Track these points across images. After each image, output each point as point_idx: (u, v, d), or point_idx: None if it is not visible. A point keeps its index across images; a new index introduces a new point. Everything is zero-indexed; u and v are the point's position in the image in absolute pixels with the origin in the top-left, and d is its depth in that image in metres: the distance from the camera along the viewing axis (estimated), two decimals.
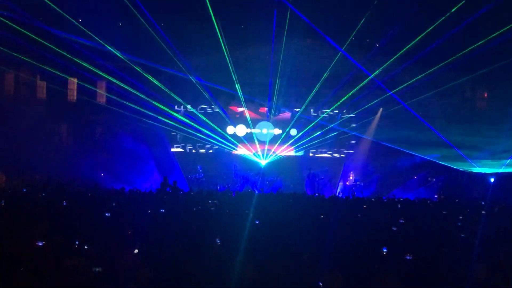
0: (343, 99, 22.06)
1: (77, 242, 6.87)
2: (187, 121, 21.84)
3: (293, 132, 22.77)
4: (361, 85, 20.57)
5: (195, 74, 19.82)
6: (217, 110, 22.36)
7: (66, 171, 17.58)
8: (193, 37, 18.19)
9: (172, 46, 17.71)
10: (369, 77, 19.77)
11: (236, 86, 20.57)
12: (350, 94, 21.34)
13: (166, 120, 20.93)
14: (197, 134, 22.07)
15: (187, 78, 19.83)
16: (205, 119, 22.12)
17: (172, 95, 20.60)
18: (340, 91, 22.04)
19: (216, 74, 20.08)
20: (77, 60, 17.09)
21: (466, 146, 19.42)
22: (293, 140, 22.74)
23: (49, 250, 6.49)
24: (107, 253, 6.45)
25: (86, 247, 6.75)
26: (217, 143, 22.39)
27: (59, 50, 16.42)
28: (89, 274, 5.68)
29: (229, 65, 18.89)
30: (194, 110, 22.23)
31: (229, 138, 22.50)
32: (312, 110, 22.95)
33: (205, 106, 22.38)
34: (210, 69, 19.96)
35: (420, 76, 18.68)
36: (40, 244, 6.69)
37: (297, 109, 22.72)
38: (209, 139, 22.29)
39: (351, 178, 22.64)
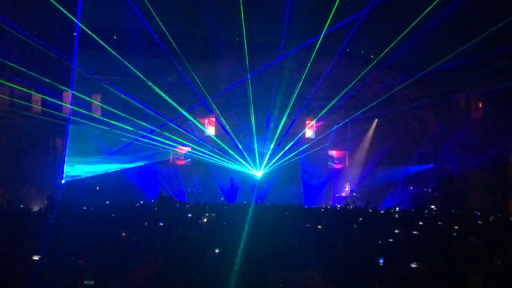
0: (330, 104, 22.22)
1: (73, 257, 6.90)
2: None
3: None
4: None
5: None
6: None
7: (62, 185, 17.64)
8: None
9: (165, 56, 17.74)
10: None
11: None
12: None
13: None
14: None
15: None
16: None
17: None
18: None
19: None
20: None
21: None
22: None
23: (46, 265, 6.51)
24: (103, 266, 6.49)
25: (80, 261, 6.78)
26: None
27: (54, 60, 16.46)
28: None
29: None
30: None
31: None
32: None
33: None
34: None
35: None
36: (36, 258, 6.71)
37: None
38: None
39: (346, 189, 22.72)
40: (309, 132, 24.42)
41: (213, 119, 23.48)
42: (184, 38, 17.70)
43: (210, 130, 23.82)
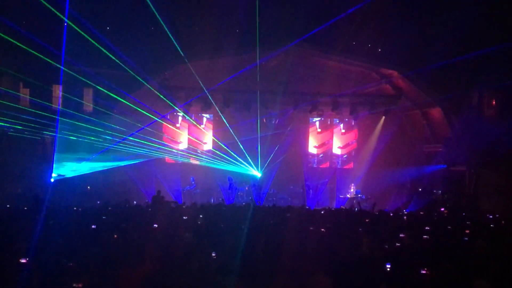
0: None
1: (65, 260, 6.90)
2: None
3: None
4: None
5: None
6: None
7: (50, 183, 17.62)
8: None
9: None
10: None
11: None
12: None
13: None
14: None
15: None
16: None
17: None
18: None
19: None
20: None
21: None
22: None
23: (34, 268, 6.52)
24: (94, 269, 6.50)
25: (71, 264, 6.78)
26: None
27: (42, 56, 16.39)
28: None
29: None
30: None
31: None
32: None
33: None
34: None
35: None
36: (24, 261, 6.71)
37: None
38: None
39: (351, 190, 22.70)
40: (312, 129, 24.45)
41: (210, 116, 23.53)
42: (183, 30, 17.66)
43: (208, 129, 23.81)
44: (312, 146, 24.43)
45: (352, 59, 19.87)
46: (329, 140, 24.42)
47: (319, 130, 24.45)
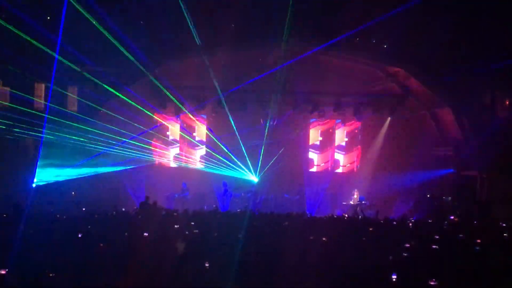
0: None
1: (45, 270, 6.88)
2: None
3: None
4: None
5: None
6: None
7: (32, 189, 17.57)
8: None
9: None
10: None
11: None
12: None
13: None
14: None
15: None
16: None
17: None
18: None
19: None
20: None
21: None
22: None
23: (14, 279, 6.50)
24: (77, 280, 6.48)
25: (51, 274, 6.77)
26: None
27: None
28: None
29: None
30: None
31: None
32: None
33: None
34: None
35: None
36: (3, 272, 6.70)
37: None
38: None
39: (355, 196, 22.66)
40: (313, 132, 24.40)
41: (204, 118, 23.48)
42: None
43: (201, 131, 23.73)
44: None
45: (355, 56, 19.86)
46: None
47: (320, 137, 24.36)
